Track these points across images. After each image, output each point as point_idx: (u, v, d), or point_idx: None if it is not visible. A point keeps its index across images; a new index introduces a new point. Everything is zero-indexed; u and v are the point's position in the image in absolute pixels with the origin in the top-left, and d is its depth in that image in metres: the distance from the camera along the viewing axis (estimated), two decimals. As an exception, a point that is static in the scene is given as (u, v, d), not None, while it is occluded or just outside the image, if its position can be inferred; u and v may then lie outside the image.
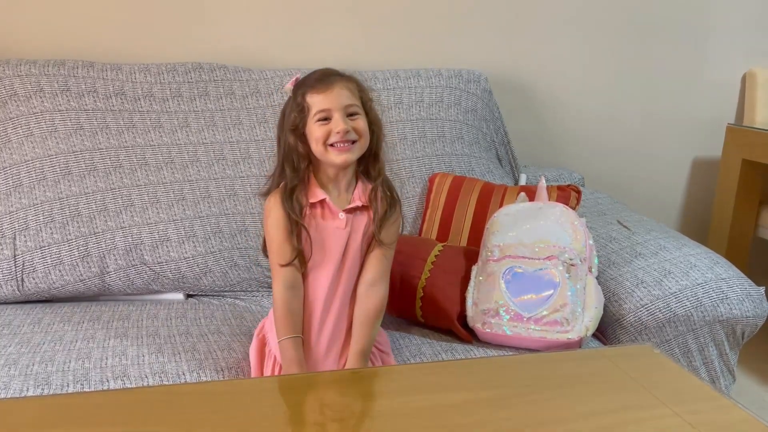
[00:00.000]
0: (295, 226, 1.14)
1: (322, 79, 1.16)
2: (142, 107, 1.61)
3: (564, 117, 2.15)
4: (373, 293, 1.18)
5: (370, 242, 1.19)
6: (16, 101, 1.54)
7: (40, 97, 1.55)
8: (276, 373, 1.17)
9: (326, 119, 1.13)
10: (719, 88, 2.25)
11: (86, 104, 1.57)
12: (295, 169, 1.16)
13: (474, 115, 1.86)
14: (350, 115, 1.15)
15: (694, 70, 2.22)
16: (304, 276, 1.17)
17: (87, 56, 1.68)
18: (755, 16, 2.21)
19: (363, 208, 1.19)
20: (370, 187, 1.20)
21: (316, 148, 1.14)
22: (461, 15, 1.98)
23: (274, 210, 1.16)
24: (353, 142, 1.14)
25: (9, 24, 1.70)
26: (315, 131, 1.14)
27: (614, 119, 2.20)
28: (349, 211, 1.18)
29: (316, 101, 1.14)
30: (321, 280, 1.17)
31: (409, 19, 1.95)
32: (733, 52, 2.22)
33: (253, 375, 1.20)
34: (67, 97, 1.56)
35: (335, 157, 1.14)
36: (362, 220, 1.19)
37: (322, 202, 1.17)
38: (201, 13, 1.81)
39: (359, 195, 1.19)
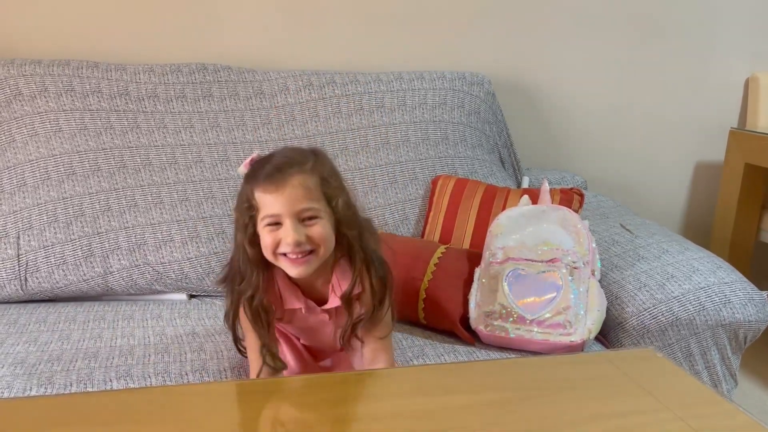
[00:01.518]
0: (269, 348, 1.01)
1: (274, 174, 0.96)
2: (146, 108, 1.62)
3: (567, 120, 2.15)
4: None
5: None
6: (20, 101, 1.54)
7: (45, 97, 1.55)
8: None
9: (277, 224, 0.97)
10: (722, 92, 2.25)
11: (91, 104, 1.57)
12: (246, 275, 1.01)
13: (477, 118, 1.86)
14: (307, 218, 0.97)
15: (698, 74, 2.22)
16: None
17: (92, 56, 1.68)
18: (759, 20, 2.21)
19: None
20: (350, 275, 1.03)
21: (266, 254, 0.99)
22: (465, 17, 1.99)
23: (248, 332, 1.03)
24: (310, 252, 0.98)
25: (14, 24, 1.71)
26: (264, 237, 0.98)
27: (617, 123, 2.20)
28: (330, 310, 1.06)
29: (265, 203, 0.97)
30: (316, 345, 1.15)
31: (413, 21, 1.95)
32: (736, 57, 2.22)
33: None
34: (71, 97, 1.57)
35: (288, 269, 0.99)
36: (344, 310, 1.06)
37: (299, 309, 1.06)
38: (205, 14, 1.81)
39: (337, 287, 1.03)
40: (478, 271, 1.41)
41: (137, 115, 1.60)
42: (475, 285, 1.39)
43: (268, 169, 0.98)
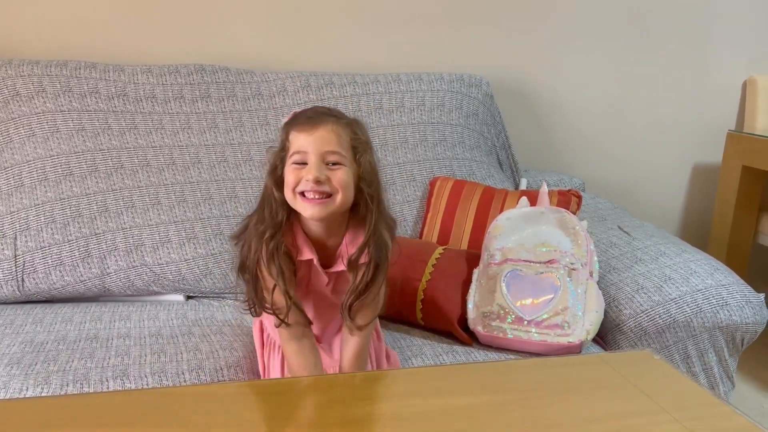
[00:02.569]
0: (289, 290, 1.03)
1: (312, 116, 1.02)
2: (144, 108, 1.61)
3: (565, 122, 2.15)
4: (353, 336, 1.08)
5: None
6: (18, 101, 1.54)
7: (43, 98, 1.55)
8: (278, 357, 1.17)
9: (302, 163, 1.00)
10: (720, 94, 2.26)
11: (88, 105, 1.57)
12: (271, 215, 1.03)
13: (475, 119, 1.86)
14: (332, 163, 1.00)
15: (696, 77, 2.22)
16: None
17: (89, 57, 1.68)
18: (756, 23, 2.22)
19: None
20: (358, 243, 1.04)
21: (286, 193, 1.02)
22: (463, 19, 1.99)
23: (264, 271, 1.04)
24: (328, 195, 1.00)
25: (12, 24, 1.71)
26: (288, 175, 1.01)
27: (615, 125, 2.20)
28: (332, 273, 1.08)
29: (296, 141, 1.01)
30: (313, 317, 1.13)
31: (411, 22, 1.95)
32: (734, 59, 2.23)
33: (259, 361, 1.20)
34: (69, 97, 1.56)
35: (304, 210, 1.01)
36: (347, 281, 1.08)
37: (309, 261, 1.07)
38: (204, 15, 1.81)
39: (345, 252, 1.06)
40: (476, 272, 1.41)
41: (135, 115, 1.60)
42: (473, 286, 1.39)
43: (308, 113, 1.04)
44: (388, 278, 1.10)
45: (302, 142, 1.00)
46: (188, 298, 1.56)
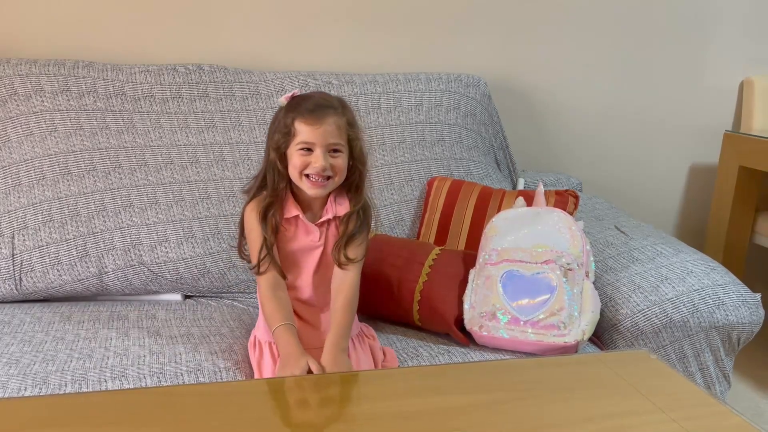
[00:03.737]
0: (270, 242, 1.19)
1: (315, 110, 1.17)
2: (142, 108, 1.61)
3: (562, 122, 2.16)
4: (343, 282, 1.21)
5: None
6: (16, 100, 1.54)
7: (40, 97, 1.55)
8: (270, 361, 1.19)
9: (308, 150, 1.17)
10: (717, 95, 2.26)
11: (86, 104, 1.57)
12: (273, 186, 1.21)
13: (473, 119, 1.87)
14: (333, 151, 1.18)
15: (693, 77, 2.23)
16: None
17: (87, 56, 1.68)
18: (753, 24, 2.22)
19: (334, 219, 1.24)
20: (345, 201, 1.24)
21: (293, 173, 1.19)
22: (461, 19, 1.99)
23: (250, 220, 1.21)
24: (328, 178, 1.18)
25: (10, 23, 1.71)
26: (295, 158, 1.18)
27: (612, 125, 2.20)
28: (321, 224, 1.23)
29: (303, 131, 1.17)
30: (300, 294, 1.24)
31: (409, 22, 1.95)
32: (731, 60, 2.24)
33: (254, 368, 1.21)
34: (67, 96, 1.56)
35: (307, 189, 1.19)
36: (334, 231, 1.24)
37: (296, 218, 1.22)
38: (202, 14, 1.81)
39: (331, 206, 1.23)
40: (473, 272, 1.41)
41: (133, 115, 1.60)
42: (469, 286, 1.39)
43: (310, 105, 1.18)
44: (384, 278, 1.23)
45: (309, 134, 1.16)
46: (186, 297, 1.56)
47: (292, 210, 1.22)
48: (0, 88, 1.55)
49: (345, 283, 1.21)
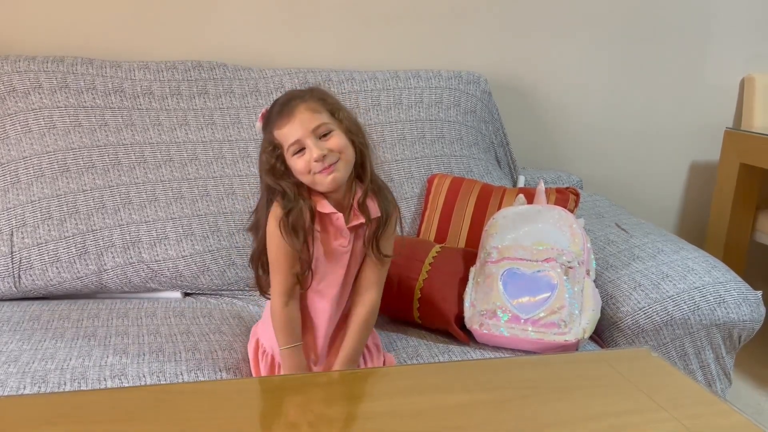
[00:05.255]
0: (298, 252, 1.10)
1: (283, 109, 1.10)
2: (141, 105, 1.61)
3: (563, 119, 2.15)
4: (364, 299, 1.18)
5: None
6: (14, 97, 1.54)
7: (39, 94, 1.54)
8: (271, 372, 1.17)
9: (302, 149, 1.09)
10: (718, 92, 2.26)
11: (85, 101, 1.57)
12: (288, 197, 1.11)
13: (473, 117, 1.86)
14: (323, 135, 1.09)
15: (693, 75, 2.22)
16: (308, 296, 1.17)
17: (86, 53, 1.67)
18: (754, 21, 2.22)
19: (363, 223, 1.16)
20: (372, 200, 1.16)
21: (305, 180, 1.10)
22: (461, 16, 1.98)
23: (274, 236, 1.11)
24: (336, 162, 1.09)
25: (8, 20, 1.70)
26: (296, 164, 1.10)
27: (613, 122, 2.20)
28: (351, 228, 1.15)
29: (284, 135, 1.09)
30: (325, 301, 1.17)
31: (409, 19, 1.95)
32: (731, 57, 2.23)
33: (253, 374, 1.20)
34: (65, 93, 1.56)
35: (323, 183, 1.09)
36: (362, 233, 1.17)
37: (330, 215, 1.13)
38: (201, 11, 1.81)
39: (357, 210, 1.15)
40: (473, 270, 1.41)
41: (132, 112, 1.60)
42: (470, 284, 1.39)
43: (276, 108, 1.12)
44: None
45: (290, 133, 1.09)
46: (185, 295, 1.56)
47: (325, 204, 1.12)
48: (-2, 85, 1.54)
49: (367, 299, 1.17)
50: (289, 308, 1.14)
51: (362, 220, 1.14)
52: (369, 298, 1.18)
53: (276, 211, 1.11)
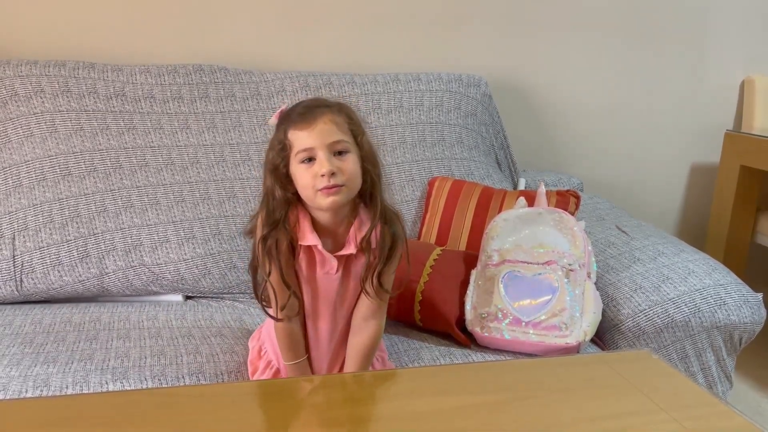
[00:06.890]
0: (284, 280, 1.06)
1: (305, 112, 1.03)
2: (142, 108, 1.61)
3: (563, 122, 2.16)
4: (366, 328, 1.12)
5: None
6: (16, 101, 1.54)
7: (41, 98, 1.55)
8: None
9: (311, 159, 1.01)
10: (718, 94, 2.26)
11: (87, 105, 1.57)
12: (269, 213, 1.05)
13: (474, 120, 1.86)
14: (339, 153, 1.02)
15: (693, 77, 2.22)
16: (305, 313, 1.13)
17: (88, 57, 1.68)
18: (754, 23, 2.22)
19: (359, 252, 1.08)
20: (367, 226, 1.07)
21: (304, 193, 1.03)
22: (462, 19, 1.99)
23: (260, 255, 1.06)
24: (341, 185, 1.01)
25: (10, 24, 1.71)
26: (301, 176, 1.02)
27: (614, 124, 2.20)
28: (340, 256, 1.08)
29: (298, 138, 1.02)
30: (320, 328, 1.14)
31: (409, 22, 1.95)
32: (732, 59, 2.23)
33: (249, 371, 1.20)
34: (67, 97, 1.56)
35: (323, 202, 1.02)
36: (359, 263, 1.09)
37: (311, 248, 1.07)
38: (202, 15, 1.81)
39: (353, 237, 1.07)
40: (474, 273, 1.41)
41: (133, 115, 1.60)
42: (471, 287, 1.39)
43: (300, 109, 1.04)
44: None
45: (305, 139, 1.01)
46: (187, 298, 1.56)
47: (309, 237, 1.05)
48: (0, 89, 1.55)
49: (365, 328, 1.11)
50: (289, 324, 1.10)
51: (351, 250, 1.07)
52: (369, 327, 1.12)
53: (260, 226, 1.06)
